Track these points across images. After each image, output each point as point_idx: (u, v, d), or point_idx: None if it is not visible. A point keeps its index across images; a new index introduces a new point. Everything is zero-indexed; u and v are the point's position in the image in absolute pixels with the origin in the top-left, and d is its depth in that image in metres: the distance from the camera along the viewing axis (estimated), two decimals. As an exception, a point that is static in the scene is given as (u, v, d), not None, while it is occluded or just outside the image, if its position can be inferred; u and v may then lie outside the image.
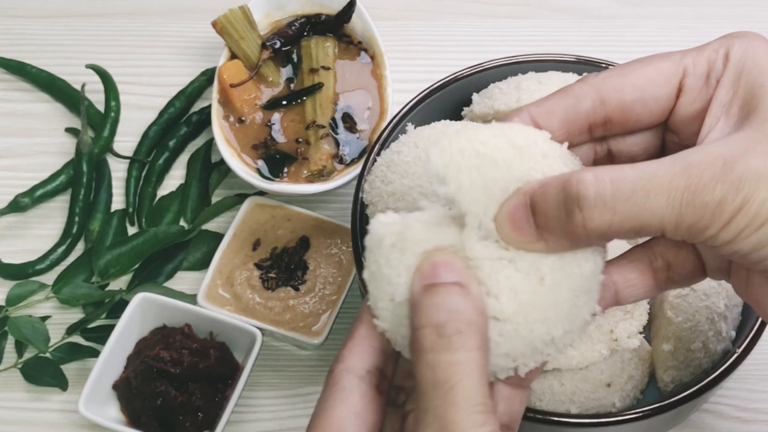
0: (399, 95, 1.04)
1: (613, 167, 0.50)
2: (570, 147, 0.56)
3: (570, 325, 0.52)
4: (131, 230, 1.06)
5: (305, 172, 1.01)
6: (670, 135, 0.59)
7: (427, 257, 0.53)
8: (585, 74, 0.59)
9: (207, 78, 1.15)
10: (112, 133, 1.11)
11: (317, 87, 1.05)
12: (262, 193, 1.03)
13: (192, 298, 0.97)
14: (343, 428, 0.54)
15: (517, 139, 0.53)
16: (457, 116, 0.92)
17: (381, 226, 0.54)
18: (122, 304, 0.95)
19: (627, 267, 0.59)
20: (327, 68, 1.07)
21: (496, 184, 0.52)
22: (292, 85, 1.07)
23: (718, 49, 0.56)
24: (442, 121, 0.88)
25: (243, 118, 1.04)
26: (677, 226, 0.49)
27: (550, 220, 0.51)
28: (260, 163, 1.02)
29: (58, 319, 1.00)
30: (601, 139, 0.60)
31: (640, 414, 0.74)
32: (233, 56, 1.08)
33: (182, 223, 1.06)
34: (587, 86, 0.57)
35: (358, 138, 1.03)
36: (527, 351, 0.52)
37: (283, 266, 0.98)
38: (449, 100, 0.92)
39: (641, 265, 0.59)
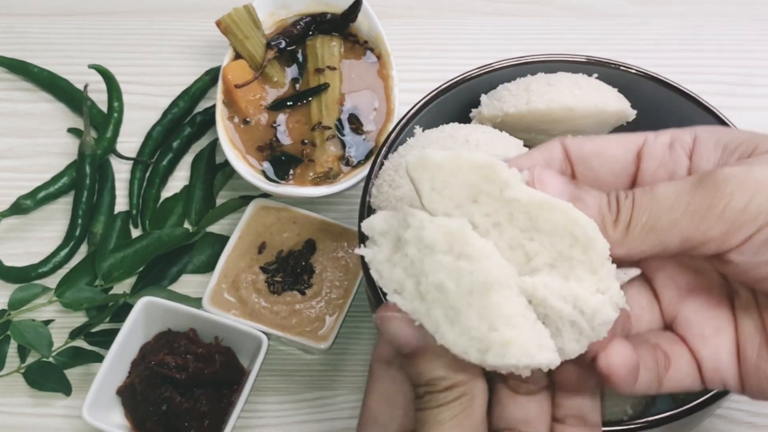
0: (405, 95, 1.04)
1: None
2: None
3: None
4: (135, 233, 1.05)
5: (311, 174, 0.99)
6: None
7: None
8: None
9: (211, 78, 1.14)
10: (115, 133, 1.10)
11: (323, 87, 1.04)
12: (267, 195, 1.02)
13: (197, 302, 0.96)
14: (377, 416, 0.58)
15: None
16: (465, 117, 0.91)
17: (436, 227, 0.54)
18: (126, 308, 0.94)
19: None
20: (333, 68, 1.06)
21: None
22: (297, 86, 1.06)
23: (682, 128, 0.59)
24: (451, 124, 0.87)
25: (248, 119, 1.03)
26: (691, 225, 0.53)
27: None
28: (265, 164, 1.01)
29: (61, 323, 0.99)
30: None
31: (653, 421, 0.73)
32: (238, 56, 1.07)
33: (186, 225, 1.05)
34: (555, 140, 0.60)
35: (364, 139, 1.02)
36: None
37: (289, 270, 0.97)
38: (457, 101, 0.91)
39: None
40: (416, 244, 0.53)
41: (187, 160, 1.10)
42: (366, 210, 0.83)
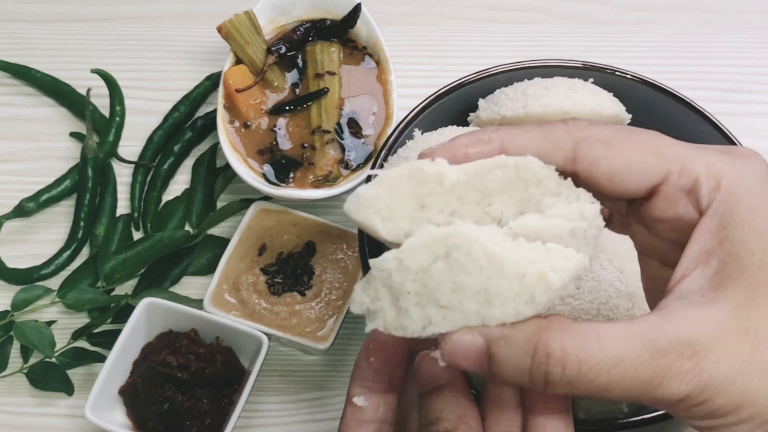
0: (404, 100, 1.05)
1: (580, 337, 0.49)
2: None
3: None
4: (136, 235, 1.06)
5: (311, 177, 1.01)
6: (638, 221, 0.58)
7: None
8: (573, 119, 0.57)
9: (211, 83, 1.15)
10: (117, 137, 1.11)
11: (322, 92, 1.06)
12: (267, 198, 1.03)
13: (198, 303, 0.97)
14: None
15: None
16: (463, 122, 0.92)
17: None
18: (128, 309, 0.95)
19: None
20: (332, 73, 1.07)
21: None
22: (297, 90, 1.08)
23: (710, 168, 0.52)
24: (449, 126, 0.88)
25: (248, 123, 1.04)
26: (632, 400, 0.51)
27: (508, 373, 0.51)
28: (266, 168, 1.02)
29: (63, 324, 1.00)
30: None
31: (649, 419, 0.74)
32: (238, 61, 1.08)
33: (187, 228, 1.06)
34: (567, 137, 0.55)
35: (363, 143, 1.03)
36: None
37: (289, 271, 0.98)
38: (455, 105, 0.92)
39: None
40: (409, 277, 0.52)
41: (188, 163, 1.11)
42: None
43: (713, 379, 0.48)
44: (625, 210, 0.58)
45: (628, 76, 0.90)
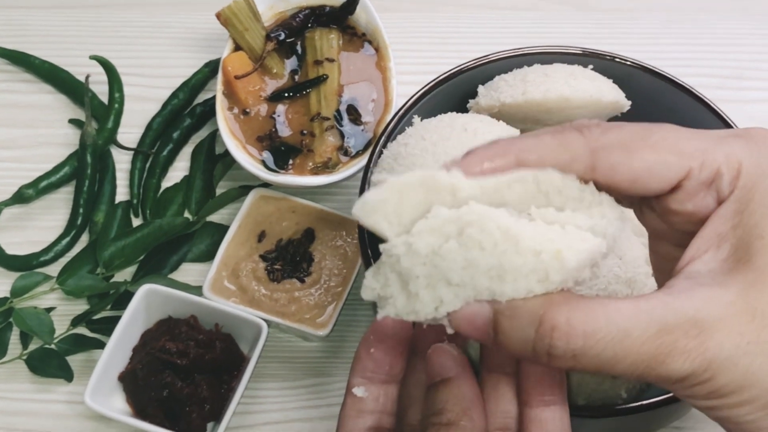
0: (403, 87, 1.05)
1: (587, 311, 0.49)
2: None
3: None
4: (136, 222, 1.06)
5: (310, 164, 1.01)
6: (651, 208, 0.57)
7: None
8: (587, 125, 0.55)
9: (210, 69, 1.15)
10: (116, 124, 1.11)
11: (322, 79, 1.05)
12: (266, 184, 1.03)
13: (197, 290, 0.97)
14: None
15: None
16: (462, 108, 0.92)
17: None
18: (127, 296, 0.95)
19: None
20: (331, 60, 1.07)
21: None
22: (296, 77, 1.07)
23: (729, 157, 0.52)
24: (449, 113, 0.88)
25: (247, 110, 1.04)
26: (635, 377, 0.50)
27: (512, 343, 0.51)
28: (265, 154, 1.02)
29: (62, 311, 1.00)
30: None
31: (647, 405, 0.74)
32: (237, 48, 1.08)
33: (187, 214, 1.06)
34: (584, 148, 0.53)
35: (362, 130, 1.03)
36: None
37: (289, 258, 0.98)
38: (455, 92, 0.92)
39: None
40: (418, 261, 0.51)
41: (187, 150, 1.11)
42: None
43: (717, 357, 0.48)
44: (637, 199, 0.57)
45: (628, 63, 0.90)
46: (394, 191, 0.52)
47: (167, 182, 1.09)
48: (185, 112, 1.13)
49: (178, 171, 1.10)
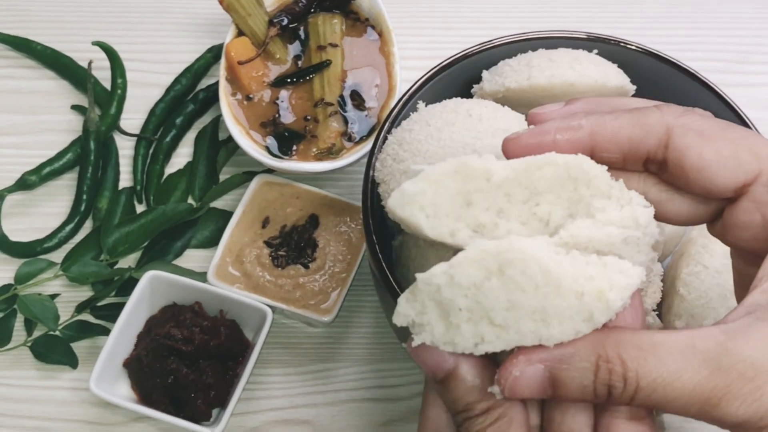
0: (406, 72, 1.04)
1: (638, 352, 0.48)
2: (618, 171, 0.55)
3: None
4: (139, 208, 1.06)
5: (314, 149, 1.00)
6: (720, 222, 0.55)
7: None
8: (668, 105, 0.54)
9: (213, 55, 1.15)
10: (119, 110, 1.11)
11: (325, 64, 1.05)
12: (270, 170, 1.03)
13: (202, 276, 0.97)
14: None
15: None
16: (466, 94, 0.91)
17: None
18: (131, 282, 0.95)
19: None
20: (334, 45, 1.07)
21: None
22: (299, 63, 1.07)
23: None
24: (454, 98, 0.88)
25: (251, 96, 1.04)
26: (692, 417, 0.48)
27: (573, 393, 0.49)
28: (269, 140, 1.01)
29: (67, 297, 1.00)
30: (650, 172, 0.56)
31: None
32: (240, 33, 1.07)
33: (190, 201, 1.06)
34: (660, 123, 0.52)
35: (366, 116, 1.03)
36: None
37: (293, 244, 0.98)
38: (459, 77, 0.92)
39: None
40: (460, 293, 0.50)
41: (190, 136, 1.11)
42: (370, 183, 0.84)
43: None
44: (710, 213, 0.55)
45: (632, 47, 0.90)
46: (431, 181, 0.52)
47: (170, 168, 1.09)
48: (188, 97, 1.13)
49: (182, 157, 1.10)
